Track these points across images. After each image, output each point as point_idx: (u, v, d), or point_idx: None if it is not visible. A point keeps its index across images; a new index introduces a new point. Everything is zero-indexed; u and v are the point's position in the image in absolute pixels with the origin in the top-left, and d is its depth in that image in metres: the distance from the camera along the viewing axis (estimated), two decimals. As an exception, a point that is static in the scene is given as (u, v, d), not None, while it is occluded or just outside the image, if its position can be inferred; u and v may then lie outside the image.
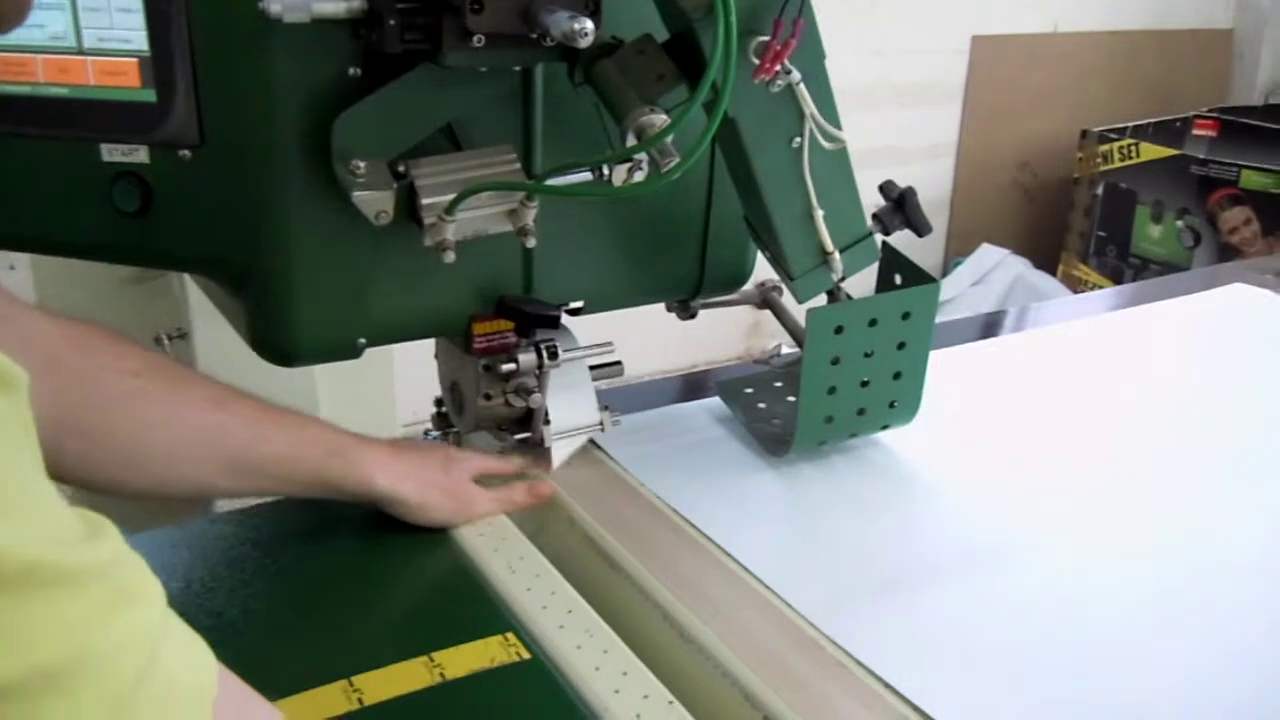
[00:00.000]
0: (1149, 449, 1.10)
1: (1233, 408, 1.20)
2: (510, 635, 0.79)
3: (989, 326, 1.58)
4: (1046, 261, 3.73)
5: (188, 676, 0.43)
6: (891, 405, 1.02)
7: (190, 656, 0.44)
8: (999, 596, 0.86)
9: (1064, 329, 1.44)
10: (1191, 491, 1.02)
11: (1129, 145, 3.49)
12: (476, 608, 0.82)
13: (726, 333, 3.37)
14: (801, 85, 0.83)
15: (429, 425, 1.15)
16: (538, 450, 1.02)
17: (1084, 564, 0.90)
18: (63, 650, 0.36)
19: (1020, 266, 3.58)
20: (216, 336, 2.03)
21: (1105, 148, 3.55)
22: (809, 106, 0.85)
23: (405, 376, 2.08)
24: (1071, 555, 0.91)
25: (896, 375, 1.00)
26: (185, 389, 0.83)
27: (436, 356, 1.08)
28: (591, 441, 1.06)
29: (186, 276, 2.03)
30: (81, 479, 0.79)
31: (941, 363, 1.06)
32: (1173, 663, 0.79)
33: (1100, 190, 3.59)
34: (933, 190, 3.65)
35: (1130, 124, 3.58)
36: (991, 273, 3.55)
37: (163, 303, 2.37)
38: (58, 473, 0.78)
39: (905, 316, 0.98)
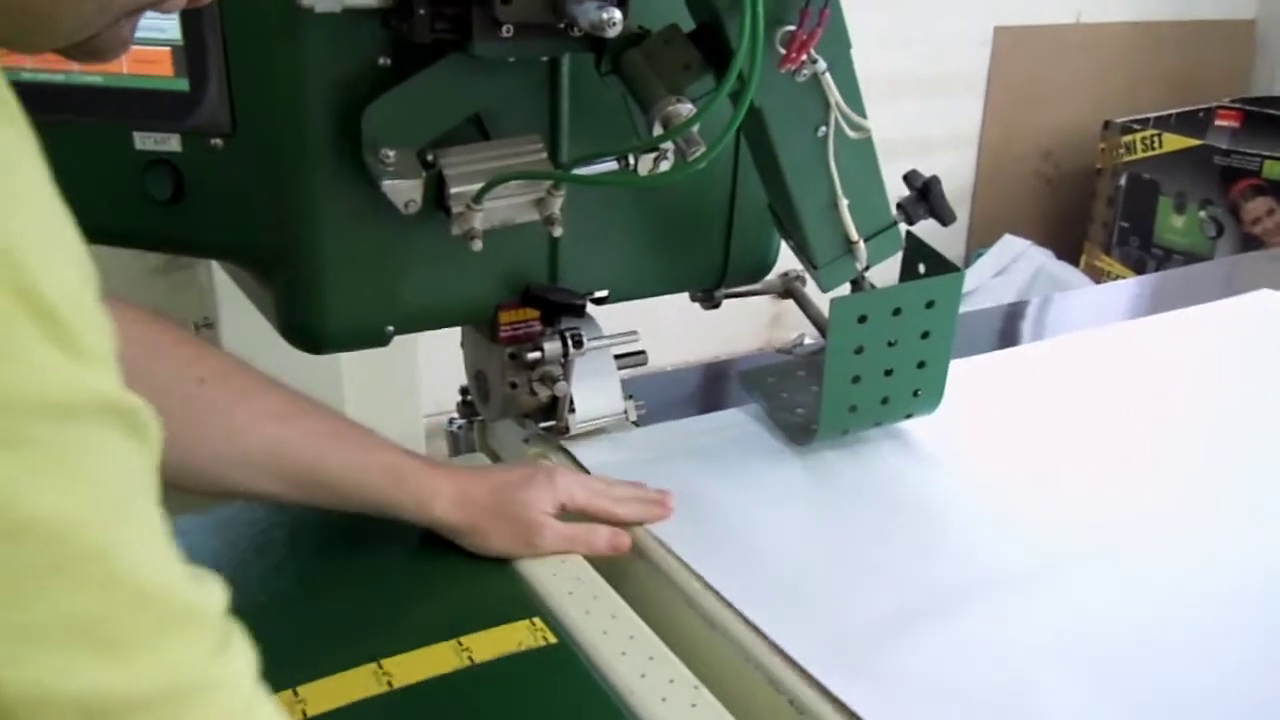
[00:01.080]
0: (1177, 464, 1.07)
1: (1259, 422, 1.16)
2: (537, 620, 0.79)
3: (1010, 318, 1.58)
4: (1069, 252, 3.72)
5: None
6: (915, 394, 1.02)
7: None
8: (1024, 601, 0.86)
9: (1087, 336, 1.40)
10: (1216, 512, 0.99)
11: (1152, 136, 3.47)
12: (504, 593, 0.83)
13: (748, 325, 3.36)
14: (827, 75, 0.83)
15: (454, 414, 1.16)
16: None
17: (1112, 580, 0.89)
18: (188, 675, 0.41)
19: (1042, 258, 3.56)
20: (243, 325, 2.04)
21: (1128, 138, 3.53)
22: (834, 96, 0.85)
23: (429, 366, 2.09)
24: (1096, 568, 0.90)
25: (920, 364, 1.00)
26: (250, 400, 0.81)
27: (462, 345, 1.09)
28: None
29: (214, 266, 2.05)
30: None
31: (963, 370, 1.05)
32: (1203, 680, 0.78)
33: (1123, 181, 3.58)
34: (955, 181, 3.64)
35: (1153, 115, 3.56)
36: (1014, 264, 3.54)
37: (190, 293, 2.39)
38: None
39: (929, 305, 0.98)
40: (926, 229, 1.00)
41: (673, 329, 1.24)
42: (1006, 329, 1.47)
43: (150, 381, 0.78)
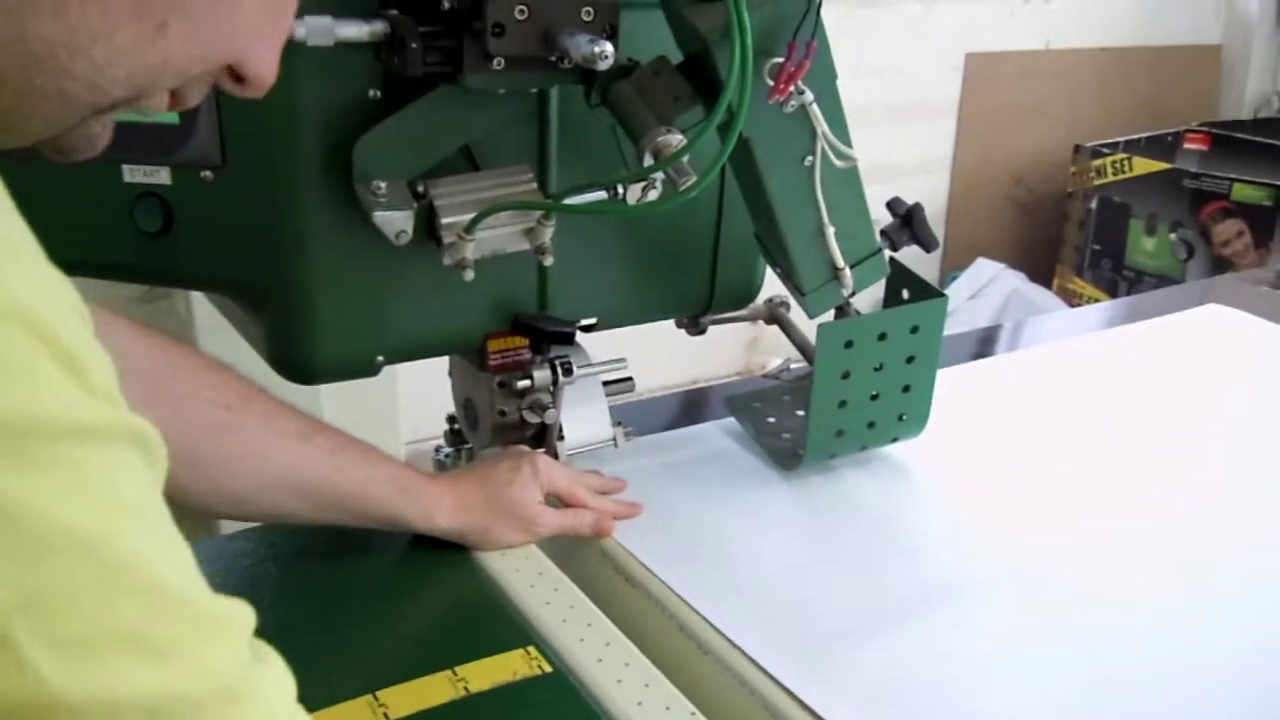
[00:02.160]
0: (1133, 475, 1.10)
1: (1210, 431, 1.20)
2: (532, 649, 0.79)
3: (985, 342, 1.60)
4: (1042, 275, 3.75)
5: None
6: (901, 418, 1.03)
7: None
8: (1009, 612, 0.87)
9: (1042, 351, 1.45)
10: (1173, 522, 1.02)
11: (1122, 160, 3.51)
12: (498, 622, 0.83)
13: (726, 349, 3.38)
14: (814, 105, 0.84)
15: (440, 442, 1.16)
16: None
17: (1098, 585, 0.91)
18: (234, 680, 0.43)
19: (1016, 280, 3.59)
20: (222, 356, 2.04)
21: (1098, 162, 3.58)
22: (821, 126, 0.86)
23: (407, 394, 2.09)
24: (1083, 573, 0.93)
25: (906, 388, 1.02)
26: (275, 423, 0.84)
27: (450, 374, 1.09)
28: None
29: (193, 296, 2.04)
30: (168, 499, 0.80)
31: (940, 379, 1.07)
32: (1178, 681, 0.80)
33: (1094, 204, 3.62)
34: (928, 206, 3.61)
35: (1122, 139, 3.60)
36: (987, 286, 3.57)
37: (169, 322, 2.37)
38: None
39: (914, 330, 0.99)
40: (902, 252, 1.02)
41: (651, 354, 1.25)
42: (982, 353, 1.48)
43: (181, 409, 0.80)
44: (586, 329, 1.03)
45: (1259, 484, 1.09)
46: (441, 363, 1.06)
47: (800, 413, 1.13)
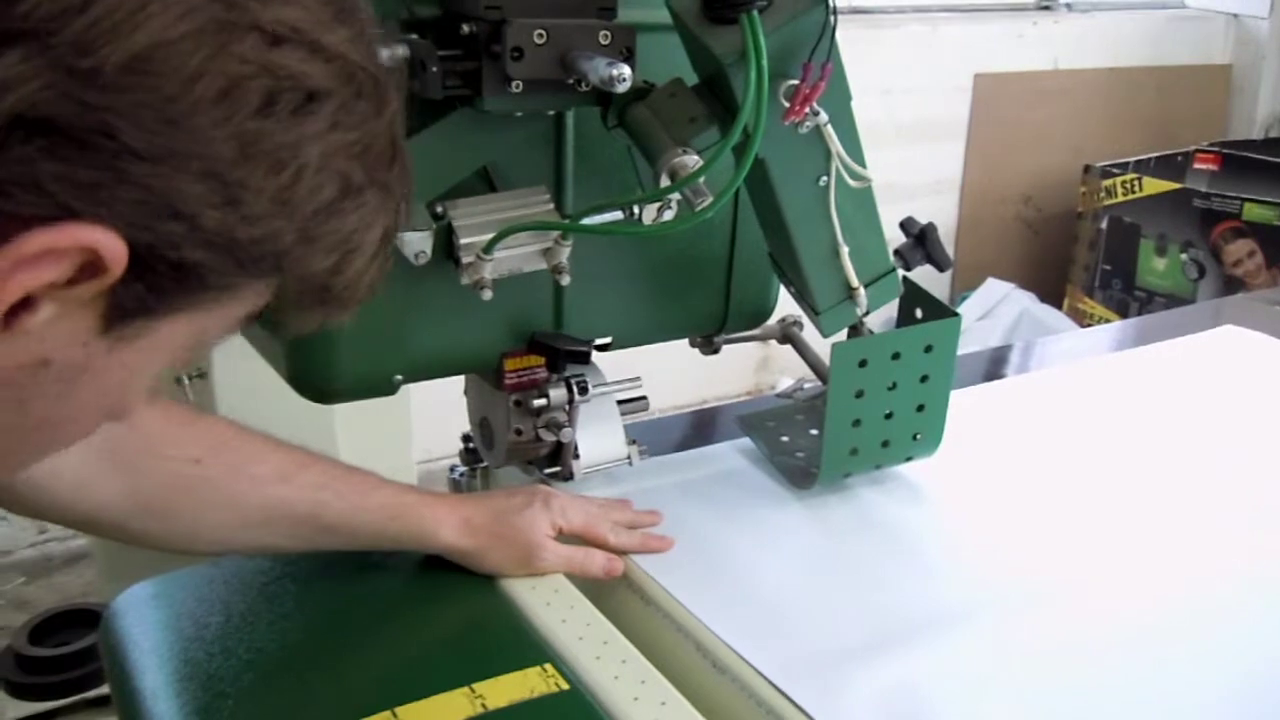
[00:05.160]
0: (1145, 499, 1.09)
1: (1228, 455, 1.19)
2: (549, 666, 0.80)
3: (996, 362, 1.60)
4: (1052, 295, 3.75)
5: None
6: (915, 437, 1.04)
7: None
8: (1023, 636, 0.87)
9: (1054, 373, 1.45)
10: (1183, 545, 1.01)
11: (1131, 180, 3.52)
12: (515, 640, 0.84)
13: (737, 368, 3.38)
14: (829, 126, 0.85)
15: (454, 461, 1.17)
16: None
17: (1110, 608, 0.91)
18: None
19: (1026, 300, 3.60)
20: (236, 375, 2.05)
21: (1108, 182, 3.58)
22: (836, 146, 0.87)
23: (419, 414, 2.09)
24: (1096, 596, 0.93)
25: (920, 408, 1.02)
26: (249, 468, 0.84)
27: (466, 393, 1.10)
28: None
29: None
30: (150, 546, 0.83)
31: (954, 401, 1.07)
32: (1190, 710, 0.80)
33: (1104, 224, 3.62)
34: (938, 226, 3.68)
35: (1132, 159, 3.61)
36: (998, 306, 3.57)
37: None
38: (128, 540, 0.82)
39: (928, 350, 0.99)
40: (912, 272, 1.03)
41: (662, 373, 1.26)
42: (993, 373, 1.49)
43: (141, 468, 0.80)
44: (602, 348, 1.03)
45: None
46: (454, 382, 1.07)
47: (814, 432, 1.13)
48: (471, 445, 1.12)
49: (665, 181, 0.80)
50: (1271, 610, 0.92)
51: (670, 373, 1.63)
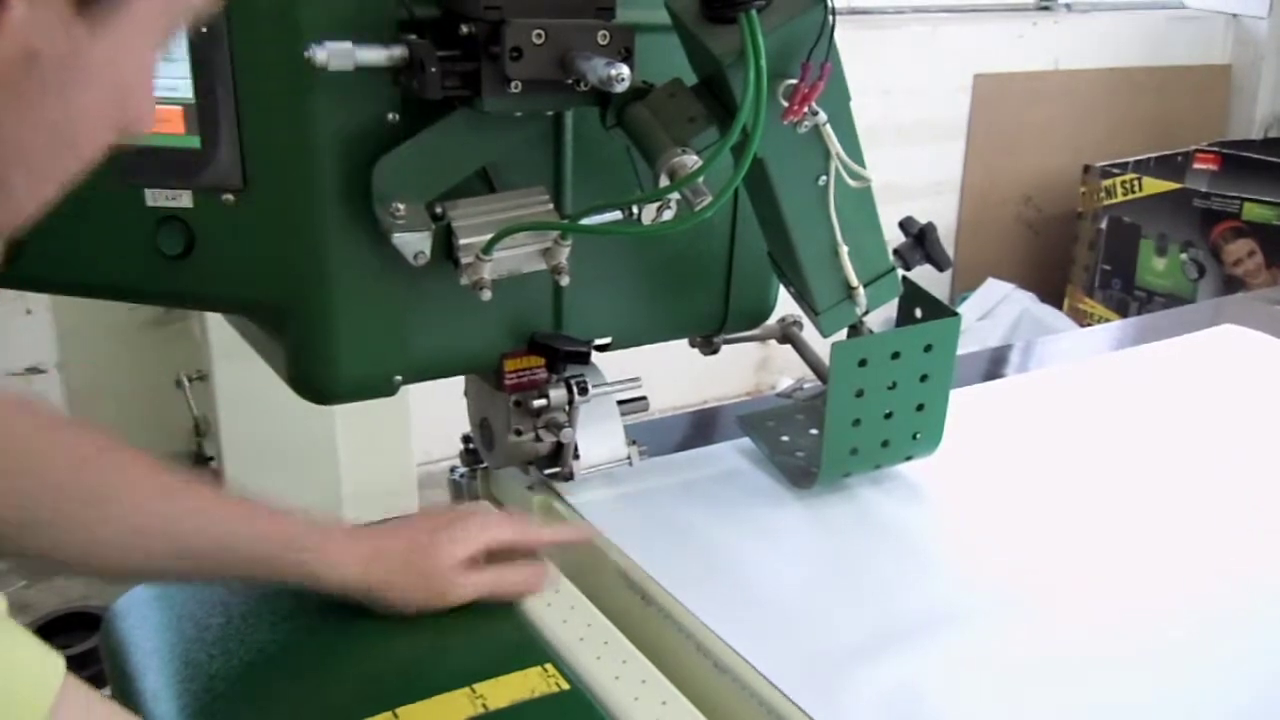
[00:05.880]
0: (1145, 499, 1.09)
1: (1228, 453, 1.19)
2: (549, 666, 0.80)
3: (996, 362, 1.60)
4: (1052, 295, 3.76)
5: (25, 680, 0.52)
6: (915, 437, 1.04)
7: (33, 665, 0.53)
8: (1023, 635, 0.87)
9: (1062, 370, 1.44)
10: (1186, 545, 1.01)
11: (1131, 180, 3.52)
12: (516, 640, 0.84)
13: (736, 368, 3.39)
14: (828, 125, 0.85)
15: (454, 462, 1.17)
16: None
17: (1110, 607, 0.91)
18: None
19: (1026, 300, 3.60)
20: (236, 378, 2.06)
21: (1108, 182, 3.58)
22: (835, 146, 0.87)
23: (420, 416, 2.09)
24: (1096, 595, 0.93)
25: (919, 407, 1.02)
26: (132, 476, 0.81)
27: (465, 394, 1.10)
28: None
29: (207, 318, 2.06)
30: (51, 564, 0.81)
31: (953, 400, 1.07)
32: (1192, 708, 0.80)
33: (1104, 224, 3.62)
34: (938, 226, 3.68)
35: (1132, 159, 3.61)
36: (998, 307, 3.57)
37: (183, 345, 2.39)
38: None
39: (927, 349, 0.99)
40: (912, 272, 1.03)
41: (660, 374, 1.26)
42: (993, 373, 1.49)
43: (33, 474, 0.77)
44: (601, 348, 1.03)
45: None
46: (454, 383, 1.07)
47: (813, 431, 1.13)
48: (472, 446, 1.12)
49: (664, 181, 0.80)
50: (1269, 606, 0.92)
51: (670, 373, 1.63)
